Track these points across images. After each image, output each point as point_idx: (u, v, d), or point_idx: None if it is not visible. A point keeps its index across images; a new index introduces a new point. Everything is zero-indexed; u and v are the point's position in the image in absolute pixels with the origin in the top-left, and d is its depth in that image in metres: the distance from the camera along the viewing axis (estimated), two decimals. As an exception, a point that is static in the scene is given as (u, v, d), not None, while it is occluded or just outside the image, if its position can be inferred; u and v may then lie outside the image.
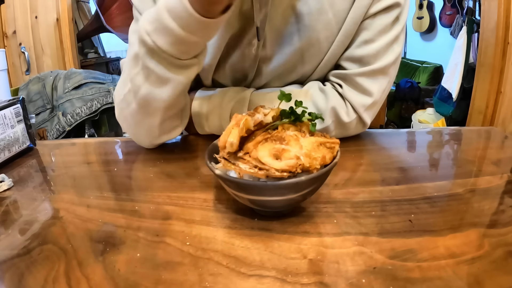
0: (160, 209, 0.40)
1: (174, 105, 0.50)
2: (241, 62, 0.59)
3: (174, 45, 0.43)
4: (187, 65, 0.46)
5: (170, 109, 0.51)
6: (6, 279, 0.30)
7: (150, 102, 0.49)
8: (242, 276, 0.29)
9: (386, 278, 0.28)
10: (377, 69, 0.54)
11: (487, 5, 1.97)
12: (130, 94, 0.50)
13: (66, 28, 2.06)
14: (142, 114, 0.51)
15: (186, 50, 0.44)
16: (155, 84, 0.47)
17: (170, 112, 0.51)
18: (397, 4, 0.53)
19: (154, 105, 0.49)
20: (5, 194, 0.45)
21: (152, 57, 0.44)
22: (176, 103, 0.51)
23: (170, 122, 0.53)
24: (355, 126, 0.58)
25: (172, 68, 0.45)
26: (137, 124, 0.54)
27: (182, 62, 0.45)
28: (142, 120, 0.52)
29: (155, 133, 0.54)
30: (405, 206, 0.39)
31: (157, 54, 0.44)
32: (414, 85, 2.89)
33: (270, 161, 0.32)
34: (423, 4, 3.30)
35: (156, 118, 0.51)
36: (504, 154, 0.53)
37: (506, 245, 0.32)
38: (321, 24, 0.54)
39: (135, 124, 0.54)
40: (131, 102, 0.51)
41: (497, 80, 1.97)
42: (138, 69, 0.47)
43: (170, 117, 0.52)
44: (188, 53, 0.45)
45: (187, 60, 0.45)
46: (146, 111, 0.50)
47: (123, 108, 0.53)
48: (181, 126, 0.56)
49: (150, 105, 0.49)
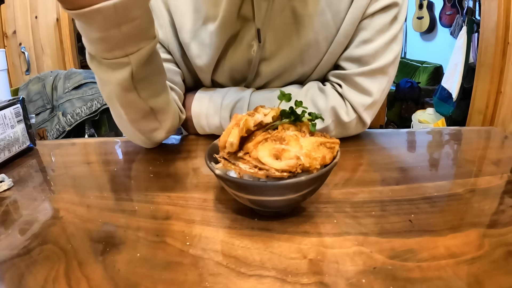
0: (160, 209, 0.40)
1: (130, 108, 0.48)
2: (240, 63, 0.58)
3: (90, 44, 0.42)
4: (116, 65, 0.43)
5: (129, 112, 0.49)
6: (6, 279, 0.30)
7: (112, 105, 0.50)
8: (242, 276, 0.29)
9: (386, 278, 0.28)
10: (376, 68, 0.54)
11: (487, 5, 1.97)
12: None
13: (66, 28, 2.06)
14: (115, 116, 0.53)
15: (103, 49, 0.41)
16: (104, 86, 0.47)
17: (133, 115, 0.49)
18: (395, 3, 0.53)
19: (115, 108, 0.49)
20: (5, 194, 0.45)
21: (91, 61, 0.45)
22: (132, 105, 0.48)
23: (143, 125, 0.52)
24: (355, 126, 0.58)
25: (105, 70, 0.44)
26: (122, 127, 0.55)
27: (109, 62, 0.43)
28: (122, 123, 0.53)
29: (139, 135, 0.53)
30: (405, 206, 0.39)
31: (93, 58, 0.44)
32: (414, 85, 2.89)
33: (270, 161, 0.32)
34: (423, 4, 3.29)
35: (125, 120, 0.50)
36: (504, 154, 0.53)
37: (506, 245, 0.32)
38: (320, 24, 0.54)
39: (121, 127, 0.55)
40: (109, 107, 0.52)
41: (497, 80, 1.97)
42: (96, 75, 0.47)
43: (137, 120, 0.50)
44: (110, 52, 0.42)
45: (113, 60, 0.42)
46: (116, 114, 0.52)
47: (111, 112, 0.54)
48: (162, 129, 0.53)
49: (113, 107, 0.50)
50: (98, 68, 0.44)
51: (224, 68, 0.60)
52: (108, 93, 0.48)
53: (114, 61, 0.43)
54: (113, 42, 0.41)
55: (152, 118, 0.51)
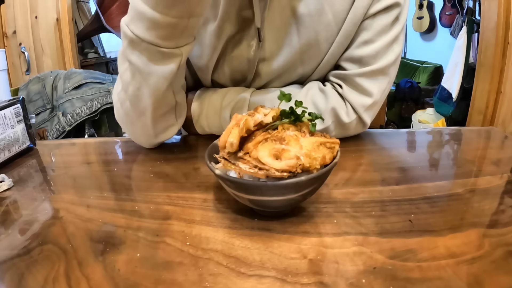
0: (160, 209, 0.40)
1: (161, 102, 0.49)
2: (240, 63, 0.58)
3: (150, 30, 0.41)
4: (169, 54, 0.43)
5: (159, 107, 0.49)
6: (6, 279, 0.30)
7: (138, 99, 0.48)
8: (242, 276, 0.29)
9: (386, 278, 0.28)
10: (377, 69, 0.54)
11: (487, 5, 1.97)
12: (122, 93, 0.50)
13: (66, 28, 2.06)
14: (134, 112, 0.51)
15: (164, 35, 0.42)
16: (139, 79, 0.46)
17: (160, 110, 0.50)
18: (397, 4, 0.53)
19: (143, 103, 0.48)
20: (5, 194, 0.45)
21: (133, 49, 0.43)
22: (164, 100, 0.49)
23: (163, 121, 0.53)
24: (355, 126, 0.58)
25: (154, 59, 0.44)
26: (132, 124, 0.54)
27: (163, 51, 0.43)
28: (136, 120, 0.52)
29: (150, 132, 0.53)
30: (405, 206, 0.39)
31: (137, 45, 0.43)
32: (414, 85, 2.89)
33: (270, 161, 0.32)
34: (423, 4, 3.30)
35: (147, 116, 0.50)
36: (504, 154, 0.53)
37: (506, 245, 0.32)
38: (321, 25, 0.54)
39: (131, 124, 0.54)
40: (124, 101, 0.51)
41: (497, 80, 1.97)
42: (126, 65, 0.46)
43: (162, 115, 0.51)
44: (167, 39, 0.42)
45: (168, 49, 0.43)
46: (137, 109, 0.50)
47: (118, 108, 0.53)
48: (176, 125, 0.55)
49: (139, 102, 0.49)
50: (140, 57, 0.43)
51: (224, 68, 0.60)
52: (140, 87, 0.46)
53: (167, 51, 0.43)
54: (176, 31, 0.42)
55: (172, 113, 0.53)
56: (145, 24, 0.41)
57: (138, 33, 0.42)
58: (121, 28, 0.44)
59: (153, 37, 0.42)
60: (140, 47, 0.43)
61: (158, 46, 0.42)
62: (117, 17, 2.31)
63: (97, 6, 2.19)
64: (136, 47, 0.43)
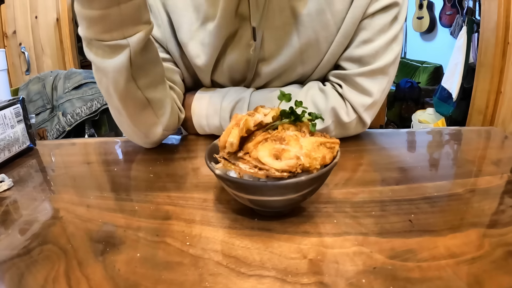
0: (160, 209, 0.40)
1: (127, 98, 0.48)
2: (239, 63, 0.58)
3: (89, 27, 0.42)
4: (115, 47, 0.43)
5: (127, 104, 0.48)
6: (6, 279, 0.30)
7: (109, 97, 0.49)
8: (242, 276, 0.29)
9: (386, 278, 0.28)
10: (376, 68, 0.54)
11: (487, 5, 1.97)
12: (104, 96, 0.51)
13: (66, 28, 2.06)
14: (114, 112, 0.52)
15: (103, 29, 0.41)
16: (102, 77, 0.46)
17: (130, 107, 0.49)
18: (396, 3, 0.53)
19: (113, 101, 0.48)
20: (5, 194, 0.45)
21: (90, 49, 0.44)
22: (129, 96, 0.47)
23: (141, 119, 0.51)
24: (355, 126, 0.58)
25: (105, 55, 0.44)
26: (121, 124, 0.54)
27: (108, 44, 0.42)
28: (120, 119, 0.53)
29: (136, 131, 0.53)
30: (405, 206, 0.39)
31: (89, 44, 0.44)
32: (414, 85, 2.89)
33: (270, 161, 0.32)
34: (423, 4, 3.29)
35: (124, 115, 0.50)
36: (504, 154, 0.53)
37: (506, 245, 0.32)
38: (320, 24, 0.54)
39: (120, 124, 0.55)
40: (108, 104, 0.52)
41: (497, 80, 1.97)
42: (94, 67, 0.47)
43: (136, 113, 0.50)
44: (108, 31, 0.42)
45: (113, 42, 0.42)
46: (114, 109, 0.51)
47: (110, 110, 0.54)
48: (159, 124, 0.53)
49: (111, 100, 0.49)
50: (96, 55, 0.44)
51: (223, 68, 0.60)
52: (106, 85, 0.47)
53: (113, 43, 0.43)
54: (112, 22, 0.41)
55: (150, 111, 0.51)
56: (84, 23, 0.42)
57: (83, 34, 0.43)
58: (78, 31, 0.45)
59: (94, 33, 0.42)
60: (92, 46, 0.44)
61: (102, 41, 0.42)
62: (117, 17, 2.30)
63: (97, 6, 2.19)
64: (89, 47, 0.44)
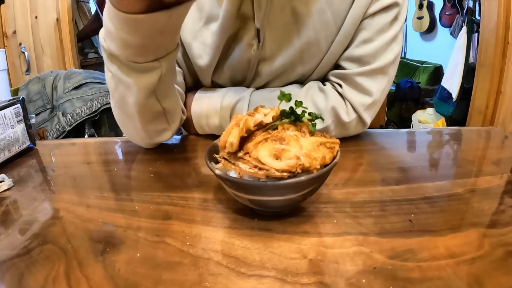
0: (160, 209, 0.40)
1: (146, 110, 0.48)
2: (240, 63, 0.58)
3: (122, 49, 0.40)
4: (147, 68, 0.43)
5: (144, 114, 0.48)
6: (6, 279, 0.30)
7: (125, 105, 0.48)
8: (242, 276, 0.29)
9: (386, 278, 0.28)
10: (376, 68, 0.54)
11: (487, 5, 1.97)
12: (111, 98, 0.51)
13: (66, 28, 2.06)
14: (124, 117, 0.51)
15: (137, 53, 0.41)
16: (121, 89, 0.45)
17: (146, 116, 0.49)
18: (396, 3, 0.54)
19: (129, 109, 0.48)
20: (5, 194, 0.45)
21: (112, 62, 0.43)
22: (148, 107, 0.48)
23: (153, 126, 0.52)
24: (355, 126, 0.58)
25: (132, 72, 0.43)
26: (126, 126, 0.54)
27: (141, 66, 0.42)
28: (128, 123, 0.52)
29: (143, 136, 0.53)
30: (405, 206, 0.39)
31: (116, 59, 0.42)
32: (414, 85, 2.89)
33: (270, 161, 0.32)
34: (423, 4, 3.29)
35: (136, 122, 0.49)
36: (504, 154, 0.53)
37: (506, 245, 0.32)
38: (320, 24, 0.54)
39: (125, 126, 0.55)
40: (114, 106, 0.52)
41: (497, 80, 1.97)
42: (109, 74, 0.46)
43: (150, 121, 0.50)
44: (142, 55, 0.41)
45: (145, 64, 0.42)
46: (125, 114, 0.50)
47: (114, 111, 0.54)
48: (169, 130, 0.54)
49: (126, 108, 0.48)
50: (120, 69, 0.43)
51: (224, 68, 0.60)
52: (123, 94, 0.46)
53: (146, 65, 0.42)
54: (150, 48, 0.41)
55: (163, 119, 0.52)
56: (117, 44, 0.40)
57: (113, 50, 0.41)
58: (99, 40, 0.44)
59: (127, 55, 0.41)
60: (118, 61, 0.42)
61: (134, 62, 0.42)
62: (117, 17, 2.30)
63: (97, 6, 2.19)
64: (114, 61, 0.43)
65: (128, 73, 0.43)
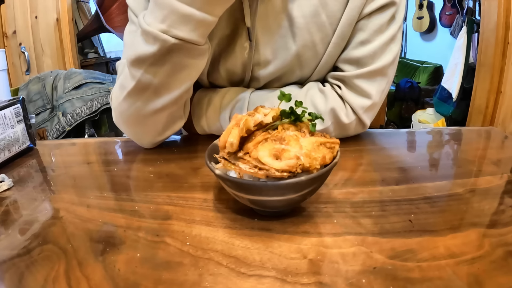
0: (160, 209, 0.40)
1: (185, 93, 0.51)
2: (235, 65, 0.58)
3: (195, 30, 0.44)
4: (204, 50, 0.48)
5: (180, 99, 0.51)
6: (6, 279, 0.30)
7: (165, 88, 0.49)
8: (242, 276, 0.29)
9: (386, 278, 0.28)
10: (375, 70, 0.54)
11: (487, 5, 1.97)
12: (134, 92, 0.49)
13: (66, 28, 2.06)
14: (145, 109, 0.51)
15: (205, 33, 0.46)
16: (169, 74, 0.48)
17: (180, 101, 0.52)
18: (392, 2, 0.52)
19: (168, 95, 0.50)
20: (5, 194, 0.45)
21: (170, 52, 0.45)
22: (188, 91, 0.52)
23: (175, 113, 0.54)
24: (354, 127, 0.57)
25: (191, 56, 0.47)
26: (142, 122, 0.53)
27: (201, 48, 0.47)
28: (148, 117, 0.52)
29: (159, 128, 0.54)
30: (405, 206, 0.39)
31: (179, 47, 0.45)
32: (414, 85, 2.89)
33: (270, 161, 0.32)
34: (423, 4, 3.30)
35: (164, 111, 0.52)
36: (504, 154, 0.53)
37: (506, 245, 0.32)
38: (315, 26, 0.54)
39: (140, 123, 0.53)
40: (136, 101, 0.50)
41: (497, 80, 1.97)
42: (142, 70, 0.46)
43: (178, 108, 0.53)
44: (205, 36, 0.46)
45: (205, 45, 0.47)
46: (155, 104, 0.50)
47: (124, 109, 0.52)
48: (183, 119, 0.57)
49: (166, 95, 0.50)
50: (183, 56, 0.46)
51: (220, 71, 0.59)
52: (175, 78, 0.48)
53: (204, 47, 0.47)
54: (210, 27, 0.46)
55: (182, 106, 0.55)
56: (191, 26, 0.44)
57: (184, 36, 0.44)
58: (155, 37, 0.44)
59: (197, 36, 0.45)
60: (180, 49, 0.45)
61: (198, 45, 0.46)
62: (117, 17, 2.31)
63: (97, 6, 2.19)
64: (175, 50, 0.45)
65: (187, 56, 0.46)
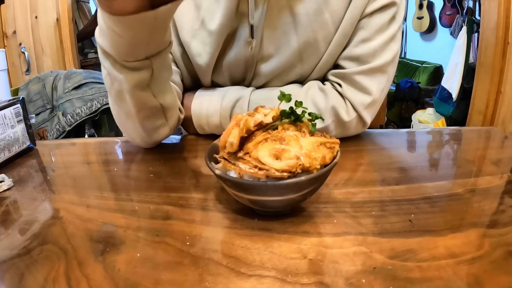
0: (160, 209, 0.40)
1: (142, 105, 0.49)
2: (238, 61, 0.59)
3: (113, 47, 0.42)
4: (137, 67, 0.44)
5: (140, 110, 0.49)
6: (6, 279, 0.30)
7: (121, 101, 0.49)
8: (242, 276, 0.29)
9: (386, 278, 0.28)
10: (375, 67, 0.55)
11: (487, 5, 1.97)
12: (109, 96, 0.52)
13: (66, 28, 2.06)
14: (122, 114, 0.52)
15: (127, 52, 0.42)
16: (116, 85, 0.47)
17: (143, 112, 0.50)
18: (393, 3, 0.54)
19: (125, 105, 0.49)
20: (5, 194, 0.45)
21: (106, 58, 0.44)
22: (143, 103, 0.49)
23: (151, 123, 0.52)
24: (355, 126, 0.58)
25: (124, 70, 0.44)
26: (124, 124, 0.55)
27: (131, 64, 0.43)
28: (126, 120, 0.53)
29: (142, 134, 0.54)
30: (405, 206, 0.39)
31: (109, 56, 0.44)
32: (414, 85, 2.89)
33: (270, 161, 0.32)
34: (423, 4, 3.29)
35: (134, 118, 0.50)
36: (504, 154, 0.53)
37: (506, 245, 0.32)
38: (318, 24, 0.55)
39: (123, 124, 0.55)
40: (112, 104, 0.52)
41: (497, 80, 1.97)
42: (105, 71, 0.47)
43: (147, 117, 0.51)
44: (132, 55, 0.43)
45: (135, 62, 0.43)
46: (123, 112, 0.51)
47: (112, 110, 0.54)
48: (167, 126, 0.55)
49: (122, 104, 0.49)
50: (113, 66, 0.44)
51: (223, 67, 0.60)
52: (119, 89, 0.47)
53: (136, 64, 0.44)
54: (140, 47, 0.42)
55: (160, 115, 0.53)
56: (109, 42, 0.42)
57: (105, 47, 0.43)
58: (95, 37, 0.45)
59: (117, 53, 0.42)
60: (111, 58, 0.44)
61: (125, 60, 0.43)
62: (117, 17, 2.30)
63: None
64: (107, 57, 0.44)
65: (120, 70, 0.44)
